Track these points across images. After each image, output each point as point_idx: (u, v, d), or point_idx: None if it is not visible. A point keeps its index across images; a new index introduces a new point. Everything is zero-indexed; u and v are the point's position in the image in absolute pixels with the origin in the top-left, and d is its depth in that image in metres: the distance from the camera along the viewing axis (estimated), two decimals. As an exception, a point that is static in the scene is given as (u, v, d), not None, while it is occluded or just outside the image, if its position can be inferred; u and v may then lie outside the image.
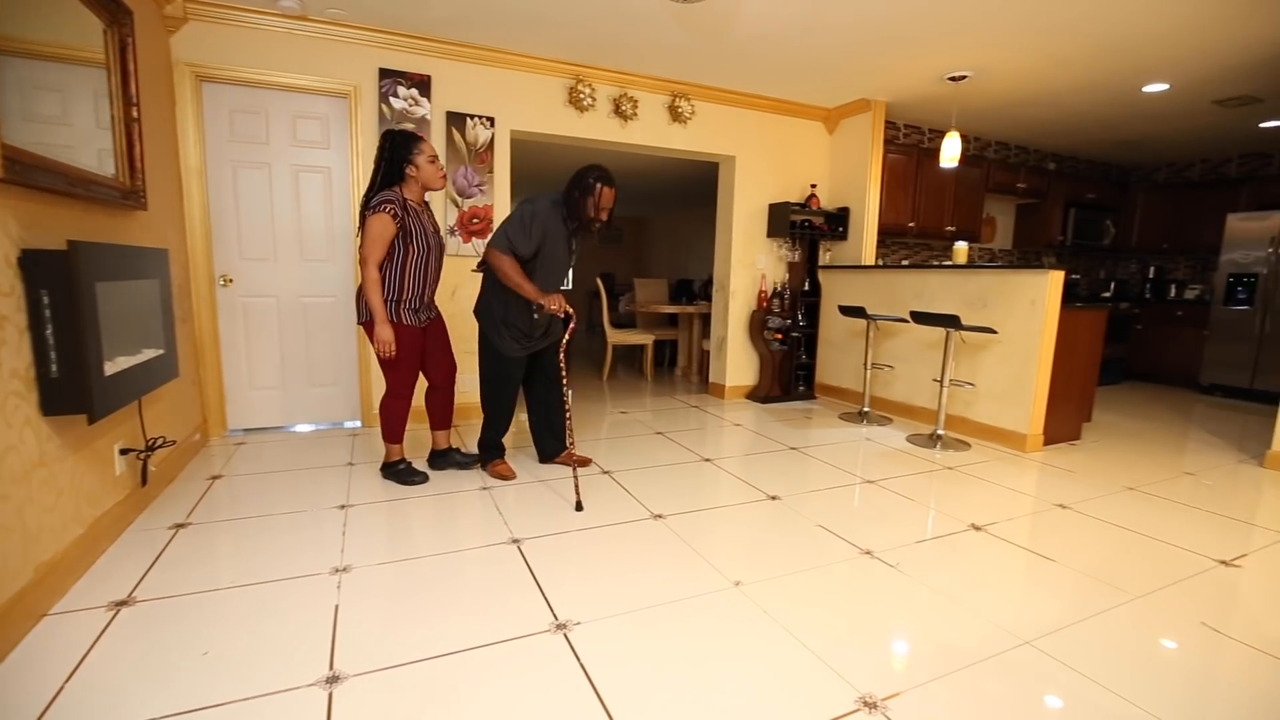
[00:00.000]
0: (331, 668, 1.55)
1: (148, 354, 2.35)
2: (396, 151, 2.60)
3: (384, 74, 3.61)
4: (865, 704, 1.47)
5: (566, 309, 2.74)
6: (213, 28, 3.28)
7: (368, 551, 2.19)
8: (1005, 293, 3.75)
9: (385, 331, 2.61)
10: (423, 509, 2.60)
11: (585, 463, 3.20)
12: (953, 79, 4.15)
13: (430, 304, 2.82)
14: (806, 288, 5.13)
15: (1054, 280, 3.53)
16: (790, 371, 5.08)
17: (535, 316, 2.79)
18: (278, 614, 1.78)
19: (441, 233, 2.95)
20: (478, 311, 2.93)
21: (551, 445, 3.17)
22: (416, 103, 3.70)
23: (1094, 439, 4.00)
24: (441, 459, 3.06)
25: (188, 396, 3.22)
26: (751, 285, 5.03)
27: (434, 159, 2.66)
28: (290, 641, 1.65)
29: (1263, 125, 5.07)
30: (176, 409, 3.01)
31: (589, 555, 2.21)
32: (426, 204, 2.78)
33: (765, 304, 4.99)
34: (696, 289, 8.12)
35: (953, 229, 5.59)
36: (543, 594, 1.93)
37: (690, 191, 8.25)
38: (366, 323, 2.68)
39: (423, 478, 2.90)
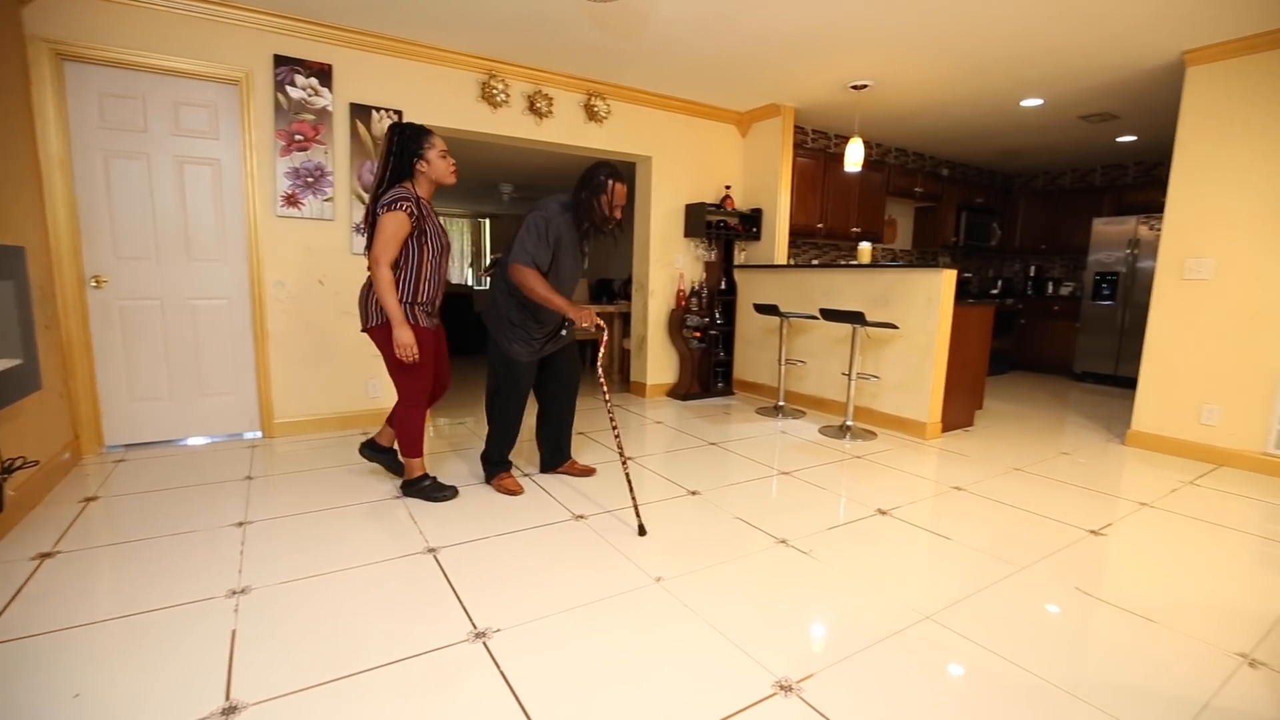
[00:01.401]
0: (228, 698, 1.43)
1: (2, 365, 2.10)
2: (406, 146, 2.47)
3: (280, 61, 3.39)
4: (781, 687, 1.52)
5: (598, 321, 2.58)
6: (75, 0, 2.96)
7: (270, 570, 2.05)
8: (905, 290, 3.98)
9: (406, 334, 2.43)
10: (330, 521, 2.46)
11: (590, 471, 3.10)
12: (855, 87, 4.37)
13: (439, 308, 2.70)
14: (723, 286, 5.25)
15: (947, 279, 3.80)
16: (709, 369, 5.18)
17: (564, 333, 2.70)
18: (165, 644, 1.64)
19: (449, 233, 2.79)
20: (485, 314, 2.82)
21: (554, 456, 3.08)
22: (316, 93, 3.50)
23: (985, 425, 4.33)
24: (376, 452, 2.91)
25: (55, 411, 2.90)
26: (670, 284, 5.10)
27: (445, 153, 2.54)
28: (180, 673, 1.52)
29: (1119, 140, 5.65)
30: (40, 425, 2.70)
31: (509, 560, 2.17)
32: (431, 203, 2.64)
33: (684, 303, 5.07)
34: (616, 288, 8.15)
35: (858, 230, 5.89)
36: (460, 603, 1.88)
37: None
38: (374, 328, 2.53)
39: (452, 492, 2.73)
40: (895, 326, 3.80)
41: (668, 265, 5.07)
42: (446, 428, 3.99)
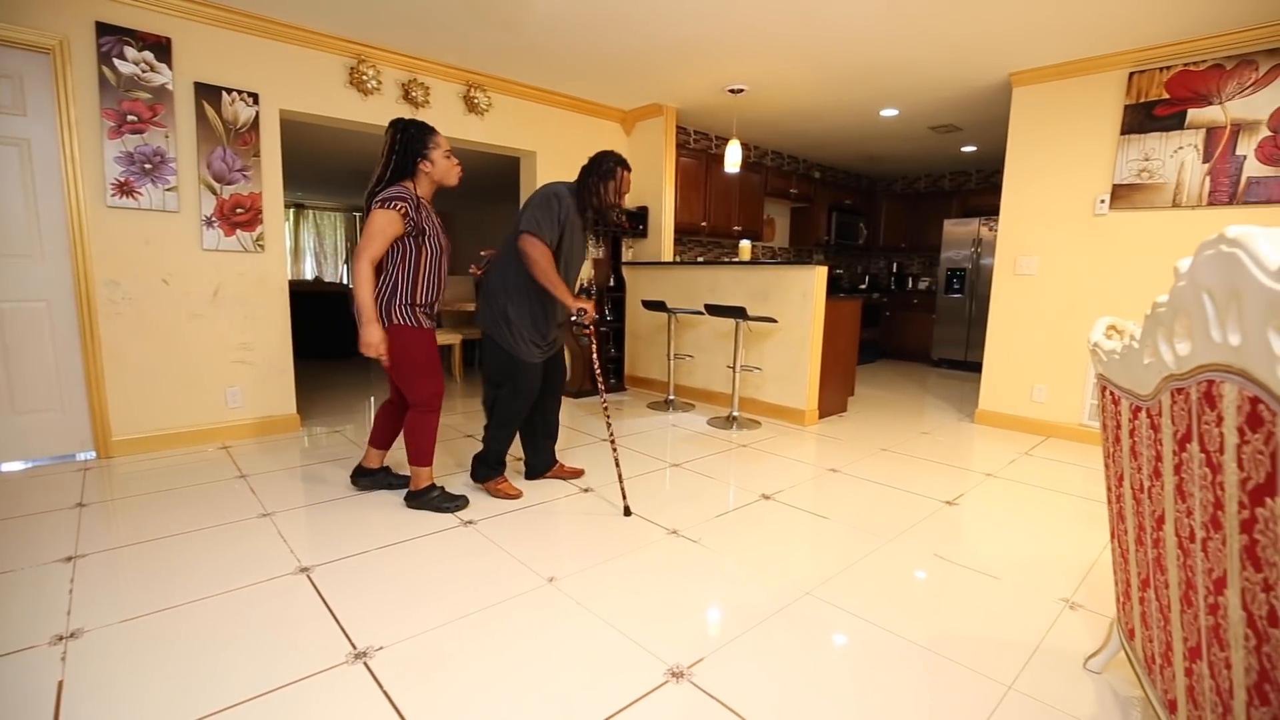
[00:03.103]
0: (51, 759, 1.25)
1: None
2: (410, 145, 2.40)
3: (104, 29, 2.98)
4: (673, 674, 1.55)
5: (594, 316, 2.54)
6: None
7: (106, 609, 1.81)
8: (783, 286, 4.20)
9: (372, 332, 2.32)
10: (184, 547, 2.21)
11: (578, 473, 3.02)
12: (732, 91, 4.54)
13: (438, 311, 2.56)
14: (612, 283, 5.28)
15: (819, 275, 4.05)
16: (601, 365, 5.19)
17: (571, 320, 2.60)
18: (-34, 706, 1.40)
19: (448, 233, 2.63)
20: (483, 316, 2.64)
21: (544, 460, 2.96)
22: (152, 68, 3.12)
23: (857, 410, 4.67)
24: (368, 478, 2.76)
25: None
26: (560, 281, 5.05)
27: (449, 154, 2.48)
28: (-14, 738, 1.30)
29: (964, 149, 6.29)
30: None
31: (393, 573, 2.05)
32: (432, 203, 2.50)
33: (574, 300, 5.04)
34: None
35: (739, 228, 6.14)
36: (338, 623, 1.75)
37: (493, 185, 8.05)
38: (391, 328, 2.40)
39: (463, 501, 2.61)
40: (774, 320, 4.00)
41: (556, 262, 5.01)
42: (323, 436, 3.71)
